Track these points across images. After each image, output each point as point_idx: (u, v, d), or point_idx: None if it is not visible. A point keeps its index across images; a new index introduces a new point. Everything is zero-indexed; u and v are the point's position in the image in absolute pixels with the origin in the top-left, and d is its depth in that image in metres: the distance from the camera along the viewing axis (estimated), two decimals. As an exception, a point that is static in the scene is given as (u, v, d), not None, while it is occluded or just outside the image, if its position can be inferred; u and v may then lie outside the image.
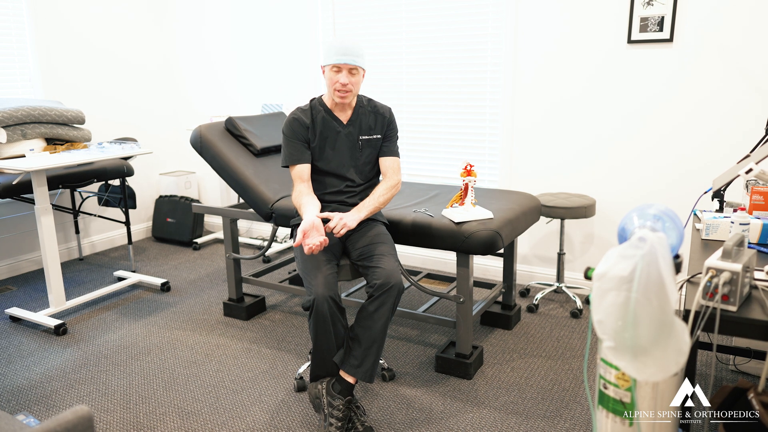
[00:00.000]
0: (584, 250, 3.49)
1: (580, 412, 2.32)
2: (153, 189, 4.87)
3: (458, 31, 3.59)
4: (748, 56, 2.88)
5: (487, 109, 3.61)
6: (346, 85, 2.27)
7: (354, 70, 2.28)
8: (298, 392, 2.49)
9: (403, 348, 2.88)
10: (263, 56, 4.37)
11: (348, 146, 2.41)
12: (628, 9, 3.09)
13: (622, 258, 1.29)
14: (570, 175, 3.42)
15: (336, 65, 2.25)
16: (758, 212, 2.01)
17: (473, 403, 2.40)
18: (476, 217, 2.50)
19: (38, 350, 2.91)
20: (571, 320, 3.14)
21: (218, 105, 4.68)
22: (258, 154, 3.16)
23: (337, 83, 2.27)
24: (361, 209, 2.32)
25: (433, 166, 3.87)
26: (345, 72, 2.26)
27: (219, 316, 3.27)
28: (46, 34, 3.98)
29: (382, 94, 3.89)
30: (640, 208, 1.54)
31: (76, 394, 2.52)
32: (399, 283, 2.15)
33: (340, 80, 2.26)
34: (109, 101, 4.42)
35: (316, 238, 2.06)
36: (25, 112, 3.33)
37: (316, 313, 2.09)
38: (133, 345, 2.95)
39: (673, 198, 3.12)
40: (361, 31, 3.92)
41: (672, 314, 1.25)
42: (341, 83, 2.26)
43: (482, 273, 3.77)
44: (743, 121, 2.93)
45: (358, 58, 2.26)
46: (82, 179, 3.62)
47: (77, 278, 3.89)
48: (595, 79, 3.25)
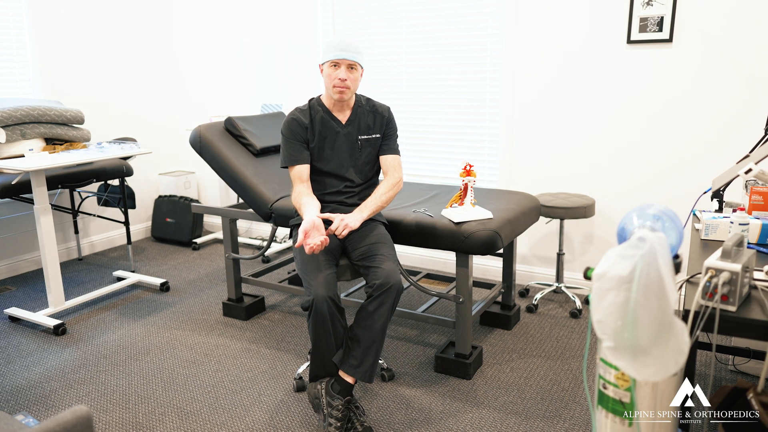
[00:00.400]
0: (584, 250, 3.49)
1: (579, 413, 2.32)
2: (152, 189, 4.87)
3: (458, 31, 3.59)
4: (747, 56, 2.88)
5: (487, 109, 3.61)
6: (344, 81, 2.26)
7: (353, 66, 2.28)
8: (298, 392, 2.49)
9: (403, 348, 2.87)
10: (263, 56, 4.37)
11: (347, 146, 2.41)
12: (628, 9, 3.09)
13: (621, 258, 1.28)
14: (569, 175, 3.42)
15: (334, 61, 2.25)
16: (757, 212, 2.01)
17: (472, 403, 2.39)
18: (476, 217, 2.50)
19: (37, 350, 2.91)
20: (571, 320, 3.14)
21: (218, 105, 4.68)
22: (257, 154, 3.16)
23: (335, 79, 2.26)
24: (363, 209, 2.31)
25: (432, 166, 3.87)
26: (344, 68, 2.26)
27: (218, 316, 3.27)
28: (46, 34, 3.97)
29: (381, 94, 3.89)
30: (640, 208, 1.54)
31: (75, 394, 2.52)
32: (398, 283, 2.15)
33: (338, 75, 2.26)
34: (109, 101, 4.41)
35: (316, 238, 2.05)
36: (25, 111, 3.32)
37: (315, 313, 2.09)
38: (133, 345, 2.95)
39: (673, 198, 3.12)
40: (360, 31, 3.92)
41: (671, 314, 1.25)
42: (340, 78, 2.26)
43: (482, 273, 3.77)
44: (743, 121, 2.93)
45: (357, 54, 2.27)
46: (81, 179, 3.62)
47: (76, 278, 3.89)
48: (595, 79, 3.25)
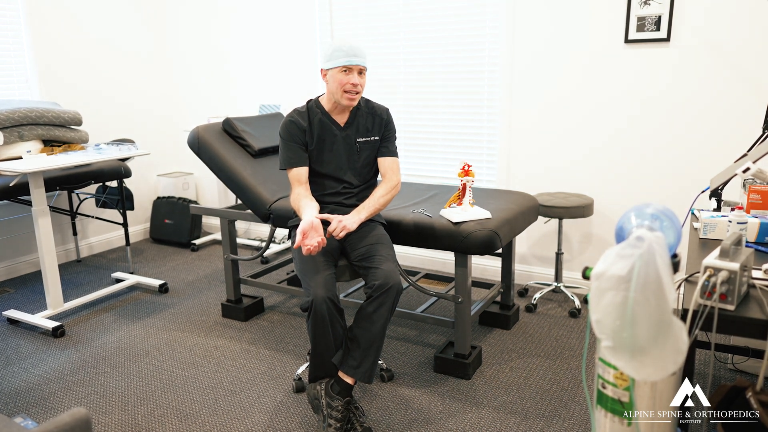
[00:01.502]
0: (582, 250, 3.49)
1: (578, 412, 2.32)
2: (151, 190, 4.86)
3: (456, 32, 3.59)
4: (745, 55, 2.89)
5: (485, 109, 3.61)
6: (356, 86, 2.26)
7: (363, 71, 2.28)
8: (297, 393, 2.48)
9: (402, 348, 2.87)
10: (260, 57, 4.36)
11: (346, 149, 2.41)
12: (625, 9, 3.09)
13: (620, 257, 1.28)
14: (568, 174, 3.42)
15: (346, 66, 2.25)
16: (756, 211, 2.01)
17: (472, 403, 2.39)
18: (474, 217, 2.49)
19: (36, 352, 2.90)
20: (570, 320, 3.14)
21: (215, 106, 4.68)
22: (256, 154, 3.16)
23: (347, 84, 2.25)
24: (360, 211, 2.31)
25: (430, 166, 3.87)
26: (355, 73, 2.26)
27: (217, 318, 3.26)
28: (43, 36, 3.97)
29: (380, 95, 3.89)
30: (638, 207, 1.54)
31: (74, 396, 2.51)
32: (397, 284, 2.15)
33: (351, 81, 2.25)
34: (107, 103, 4.41)
35: (314, 239, 2.05)
36: (22, 113, 3.32)
37: (314, 314, 2.08)
38: (131, 347, 2.95)
39: (671, 197, 3.12)
40: (359, 32, 3.92)
41: (670, 313, 1.25)
42: (352, 84, 2.25)
43: (480, 273, 3.77)
44: (740, 120, 2.94)
45: (365, 59, 2.29)
46: (79, 181, 3.61)
47: (75, 280, 3.88)
48: (593, 78, 3.26)
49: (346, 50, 2.23)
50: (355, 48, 2.25)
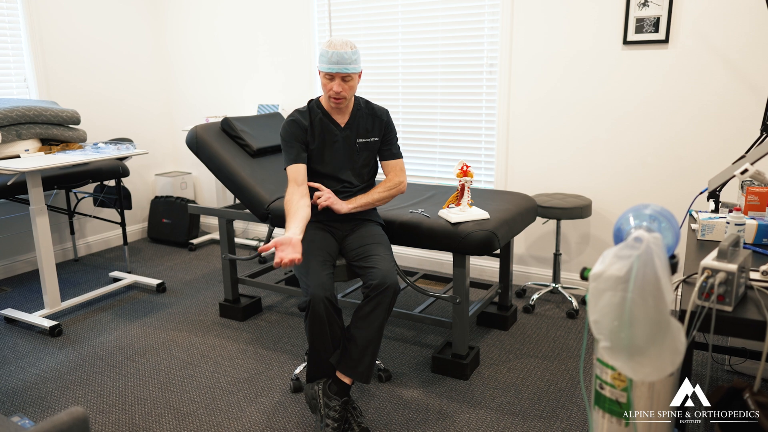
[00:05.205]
0: (580, 251, 3.50)
1: (576, 413, 2.32)
2: (149, 190, 4.85)
3: (454, 32, 3.59)
4: (743, 57, 2.89)
5: (483, 110, 3.61)
6: (339, 93, 2.26)
7: (347, 77, 2.25)
8: (295, 393, 2.48)
9: (400, 349, 2.87)
10: (259, 56, 4.36)
11: (345, 149, 2.41)
12: (624, 10, 3.09)
13: (618, 258, 1.29)
14: (566, 175, 3.43)
15: (329, 73, 2.24)
16: (753, 213, 2.01)
17: (470, 403, 2.39)
18: (472, 218, 2.50)
19: (33, 351, 2.90)
20: (568, 321, 3.15)
21: (214, 105, 4.67)
22: (254, 154, 3.16)
23: (330, 90, 2.26)
24: (354, 200, 2.37)
25: (429, 166, 3.87)
26: (338, 80, 2.24)
27: (215, 317, 3.26)
28: (42, 35, 3.96)
29: (378, 95, 3.89)
30: (636, 208, 1.54)
31: (71, 395, 2.51)
32: (395, 284, 2.15)
33: (333, 88, 2.25)
34: (105, 102, 4.40)
35: (290, 254, 1.97)
36: (20, 112, 3.31)
37: (312, 314, 2.08)
38: (129, 346, 2.94)
39: (669, 198, 3.13)
40: (357, 32, 3.92)
41: (668, 314, 1.25)
42: (335, 91, 2.25)
43: (478, 273, 3.77)
44: (739, 122, 2.94)
45: (351, 65, 2.22)
46: (77, 180, 3.61)
47: (72, 279, 3.88)
48: (591, 79, 3.26)
49: (329, 57, 2.20)
50: (339, 54, 2.19)
